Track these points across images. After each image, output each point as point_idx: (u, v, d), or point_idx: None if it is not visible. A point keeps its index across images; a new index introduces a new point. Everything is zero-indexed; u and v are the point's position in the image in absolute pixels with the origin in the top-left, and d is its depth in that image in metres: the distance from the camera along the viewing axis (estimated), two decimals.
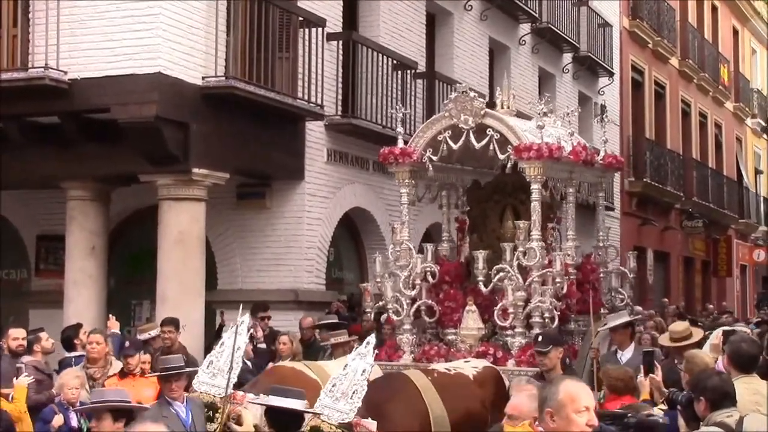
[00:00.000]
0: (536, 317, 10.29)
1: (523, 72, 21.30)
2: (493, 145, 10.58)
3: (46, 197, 14.61)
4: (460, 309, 10.87)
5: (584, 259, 11.70)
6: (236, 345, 7.68)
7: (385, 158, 11.27)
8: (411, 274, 10.92)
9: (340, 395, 7.11)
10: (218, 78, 12.41)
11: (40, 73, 11.78)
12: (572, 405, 4.48)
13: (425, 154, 11.00)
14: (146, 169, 12.32)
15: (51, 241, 14.93)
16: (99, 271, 13.17)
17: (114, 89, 11.72)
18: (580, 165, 11.17)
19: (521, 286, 10.26)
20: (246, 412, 7.37)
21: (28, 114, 12.40)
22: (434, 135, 11.02)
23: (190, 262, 12.39)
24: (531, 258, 10.41)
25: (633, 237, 27.34)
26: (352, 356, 7.50)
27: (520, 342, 10.30)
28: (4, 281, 15.93)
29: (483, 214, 11.92)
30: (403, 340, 10.89)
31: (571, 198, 11.33)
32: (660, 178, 27.98)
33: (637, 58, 28.08)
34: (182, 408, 7.55)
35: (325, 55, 14.33)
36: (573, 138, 11.45)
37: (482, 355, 10.27)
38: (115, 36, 11.87)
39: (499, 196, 11.84)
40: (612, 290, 11.90)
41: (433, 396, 8.53)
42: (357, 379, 7.17)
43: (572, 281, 10.86)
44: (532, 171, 10.43)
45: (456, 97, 10.94)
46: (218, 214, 14.09)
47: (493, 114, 10.88)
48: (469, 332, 10.63)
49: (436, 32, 18.43)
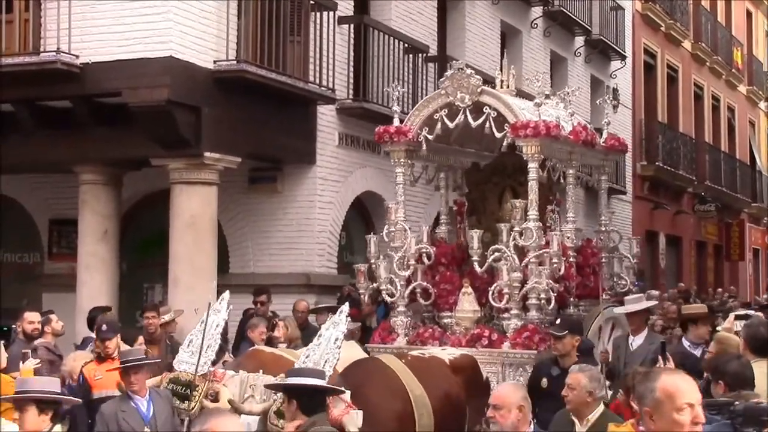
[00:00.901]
0: (533, 299, 10.04)
1: (535, 55, 21.24)
2: (490, 123, 10.29)
3: (58, 181, 14.66)
4: (456, 291, 10.63)
5: (585, 243, 11.47)
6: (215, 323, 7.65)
7: (380, 137, 10.99)
8: (405, 255, 10.65)
9: (312, 365, 6.97)
10: (230, 62, 12.41)
11: (52, 57, 11.80)
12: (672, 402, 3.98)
13: (421, 133, 10.71)
14: (158, 153, 12.34)
15: (63, 225, 14.98)
16: (111, 254, 13.22)
17: (126, 73, 11.73)
18: (581, 146, 10.93)
19: (517, 266, 10.00)
20: (224, 389, 7.28)
21: (40, 98, 12.43)
22: (430, 114, 10.70)
23: (202, 245, 12.42)
24: (527, 238, 10.12)
25: (645, 221, 27.28)
26: (326, 326, 7.34)
27: (516, 324, 10.03)
28: (17, 265, 16.01)
29: (482, 196, 11.70)
30: (397, 323, 10.65)
31: (572, 179, 11.09)
32: (672, 162, 27.89)
33: (649, 41, 27.95)
34: (143, 402, 7.39)
35: (337, 39, 14.32)
36: (573, 118, 11.18)
37: (477, 338, 10.09)
38: (126, 20, 11.88)
39: (498, 178, 11.60)
40: (614, 275, 11.70)
41: (409, 377, 8.30)
42: (329, 348, 7.02)
43: (571, 264, 10.65)
44: (529, 149, 10.15)
45: (452, 74, 10.60)
46: (230, 198, 14.11)
47: (489, 92, 10.60)
48: (465, 315, 10.40)
49: (447, 16, 18.38)
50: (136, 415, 7.32)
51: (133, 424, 7.33)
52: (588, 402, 6.31)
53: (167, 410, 7.36)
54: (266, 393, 7.16)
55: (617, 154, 12.32)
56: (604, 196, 12.11)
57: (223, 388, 7.30)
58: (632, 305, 10.19)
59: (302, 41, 13.51)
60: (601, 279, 11.23)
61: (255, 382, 7.35)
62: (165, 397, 7.41)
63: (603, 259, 11.54)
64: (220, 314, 7.76)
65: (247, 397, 7.29)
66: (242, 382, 7.39)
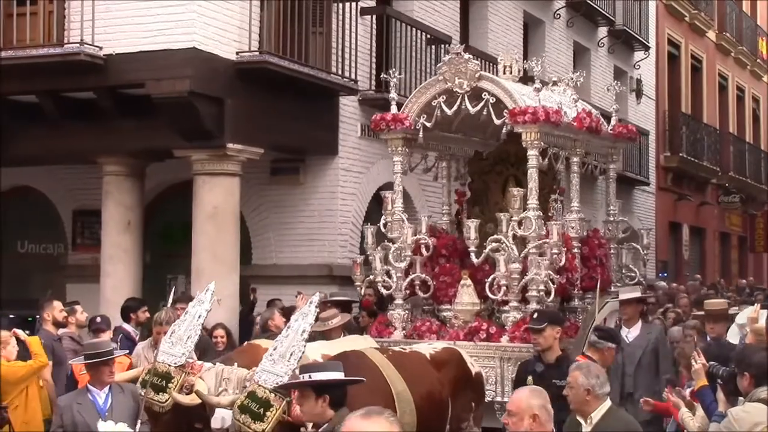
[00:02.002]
0: (533, 291, 9.61)
1: (558, 46, 21.15)
2: (488, 110, 9.90)
3: (81, 172, 14.72)
4: (456, 284, 10.28)
5: (591, 233, 11.07)
6: (197, 314, 7.54)
7: (376, 125, 10.60)
8: (402, 246, 10.30)
9: (278, 357, 6.76)
10: (252, 53, 12.41)
11: (76, 49, 11.84)
12: None
13: (419, 121, 10.31)
14: (181, 144, 12.37)
15: (87, 215, 15.05)
16: (134, 245, 13.28)
17: (149, 64, 11.76)
18: (585, 133, 10.49)
19: (516, 257, 9.62)
20: (199, 382, 7.13)
21: (64, 90, 12.48)
22: (428, 100, 10.30)
23: (224, 237, 12.45)
24: (527, 228, 9.72)
25: (669, 212, 27.17)
26: (295, 317, 7.10)
27: (515, 317, 9.65)
28: (41, 256, 16.10)
29: (484, 186, 11.32)
30: (395, 316, 10.29)
31: (576, 168, 10.66)
32: (696, 153, 27.75)
33: (673, 31, 27.79)
34: (101, 395, 7.23)
35: (359, 30, 14.30)
36: (578, 104, 10.76)
37: (475, 331, 9.75)
38: (149, 11, 11.90)
39: (501, 167, 11.20)
40: (623, 267, 11.35)
41: (392, 371, 7.97)
42: (297, 340, 6.80)
43: (574, 255, 10.28)
44: (528, 136, 9.74)
45: (450, 59, 10.18)
46: (252, 190, 14.13)
47: (488, 77, 10.21)
48: (464, 308, 10.06)
49: (470, 6, 18.33)
50: (92, 408, 7.16)
51: (87, 417, 7.17)
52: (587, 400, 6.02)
53: (128, 405, 7.24)
54: (239, 386, 7.01)
55: (626, 142, 11.89)
56: (613, 186, 11.66)
57: (198, 380, 7.16)
58: (624, 295, 9.97)
59: (325, 32, 13.49)
60: (607, 271, 10.88)
61: (229, 376, 7.19)
62: (128, 392, 7.27)
63: (611, 251, 11.23)
64: (203, 305, 7.63)
65: (222, 390, 7.13)
66: (217, 375, 7.25)
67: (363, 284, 10.72)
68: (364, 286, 10.74)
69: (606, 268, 10.85)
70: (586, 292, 10.51)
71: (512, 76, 10.48)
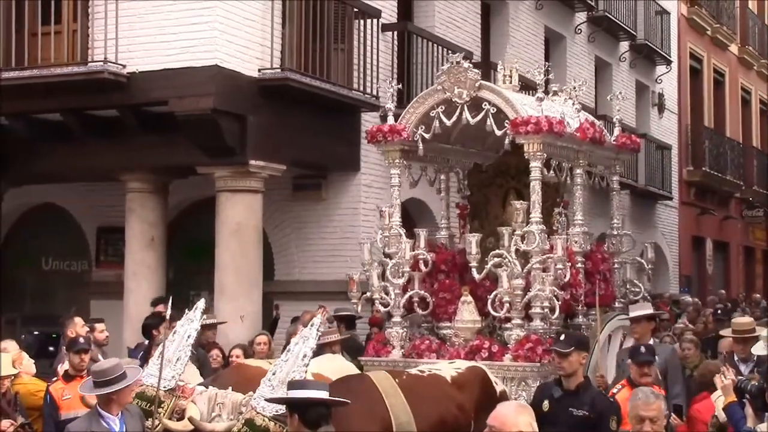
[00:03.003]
0: (536, 307, 9.19)
1: (579, 61, 21.14)
2: (490, 121, 9.45)
3: (105, 189, 14.80)
4: (456, 301, 9.82)
5: (594, 247, 10.64)
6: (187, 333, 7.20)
7: (373, 136, 10.14)
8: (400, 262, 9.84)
9: (278, 383, 6.44)
10: (274, 70, 12.47)
11: (100, 67, 11.93)
12: None
13: (417, 132, 9.87)
14: (204, 161, 12.43)
15: (111, 232, 15.13)
16: (158, 262, 13.33)
17: (172, 82, 11.83)
18: (589, 143, 10.09)
19: (519, 273, 9.18)
20: (191, 407, 6.77)
21: (88, 107, 12.57)
22: (427, 111, 9.90)
23: (247, 253, 12.48)
24: (530, 242, 9.24)
25: (692, 227, 27.06)
26: (295, 340, 6.78)
27: (518, 335, 9.17)
28: (65, 272, 16.19)
29: (485, 199, 10.91)
30: (393, 334, 9.79)
31: (579, 180, 10.21)
32: (719, 167, 27.62)
33: (695, 45, 27.73)
34: (115, 421, 6.63)
35: (381, 46, 14.34)
36: (581, 114, 10.36)
37: (477, 350, 9.27)
38: (172, 30, 11.98)
39: (502, 180, 10.80)
40: (627, 282, 10.90)
41: (397, 400, 7.45)
42: (297, 364, 6.51)
43: (578, 270, 9.84)
44: (531, 147, 9.31)
45: (449, 69, 9.73)
46: (275, 206, 14.17)
47: (489, 86, 9.82)
48: (464, 325, 9.58)
49: (491, 22, 18.35)
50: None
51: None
52: None
53: (140, 427, 6.78)
54: (234, 411, 6.72)
55: (629, 153, 11.45)
56: (616, 198, 11.14)
57: (190, 405, 6.80)
58: (634, 312, 9.53)
59: (346, 49, 13.55)
60: (611, 286, 10.49)
61: (223, 400, 6.85)
62: (136, 415, 6.80)
63: (615, 265, 10.81)
64: (193, 324, 7.30)
65: (215, 416, 6.79)
66: (210, 399, 6.89)
67: (359, 301, 10.18)
68: (361, 303, 10.21)
69: (610, 284, 10.47)
70: (590, 309, 10.10)
71: (512, 86, 10.14)
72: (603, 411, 7.21)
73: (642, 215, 24.09)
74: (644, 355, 7.81)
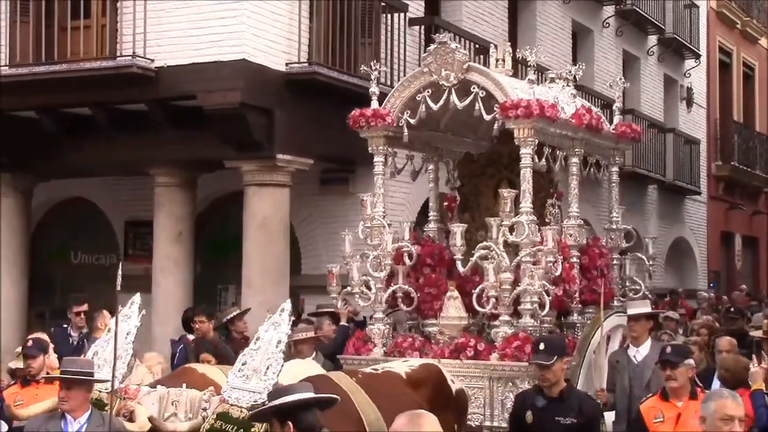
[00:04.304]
0: (526, 303, 8.56)
1: (607, 55, 21.04)
2: (479, 105, 8.83)
3: (133, 183, 14.89)
4: (442, 296, 9.19)
5: (591, 242, 9.99)
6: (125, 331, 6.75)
7: (355, 121, 9.56)
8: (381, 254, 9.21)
9: (252, 372, 6.10)
10: (301, 64, 12.49)
11: (128, 62, 11.99)
12: None
13: (402, 117, 9.26)
14: (231, 155, 12.47)
15: (139, 226, 15.21)
16: (185, 256, 13.39)
17: (199, 76, 11.88)
18: (584, 130, 9.43)
19: (507, 266, 8.53)
20: (139, 408, 6.36)
21: (117, 102, 12.65)
22: (412, 94, 9.26)
23: (274, 247, 12.52)
24: (519, 233, 8.61)
25: (720, 222, 26.89)
26: (264, 327, 6.36)
27: (505, 332, 8.52)
28: (94, 266, 16.29)
29: (475, 190, 10.22)
30: (374, 331, 9.16)
31: (575, 169, 9.52)
32: (748, 162, 27.44)
33: (724, 39, 27.53)
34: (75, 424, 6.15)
35: (408, 40, 14.33)
36: (577, 100, 9.74)
37: (462, 348, 8.67)
38: (200, 24, 12.03)
39: (494, 170, 10.10)
40: (626, 279, 10.24)
41: (362, 398, 7.06)
42: (271, 351, 6.12)
43: (572, 264, 9.22)
44: (521, 132, 8.65)
45: (435, 50, 9.07)
46: (302, 200, 14.19)
47: (478, 68, 9.15)
48: (450, 322, 8.96)
49: (518, 16, 18.30)
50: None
51: None
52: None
53: None
54: (193, 409, 6.33)
55: (628, 142, 10.67)
56: (615, 190, 10.39)
57: (138, 406, 6.39)
58: (632, 310, 9.05)
59: (373, 43, 13.54)
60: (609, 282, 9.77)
61: (178, 398, 6.43)
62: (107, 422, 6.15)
63: (614, 261, 10.15)
64: (131, 320, 6.90)
65: (170, 415, 6.39)
66: (162, 399, 6.47)
67: (339, 296, 9.66)
68: (341, 298, 9.70)
69: (608, 280, 9.79)
70: (585, 306, 9.54)
71: (505, 70, 9.46)
72: (591, 416, 7.02)
73: (670, 210, 23.96)
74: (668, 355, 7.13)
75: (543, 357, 7.06)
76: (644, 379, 8.69)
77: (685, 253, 25.29)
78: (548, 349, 7.11)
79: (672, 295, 19.48)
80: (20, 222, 14.49)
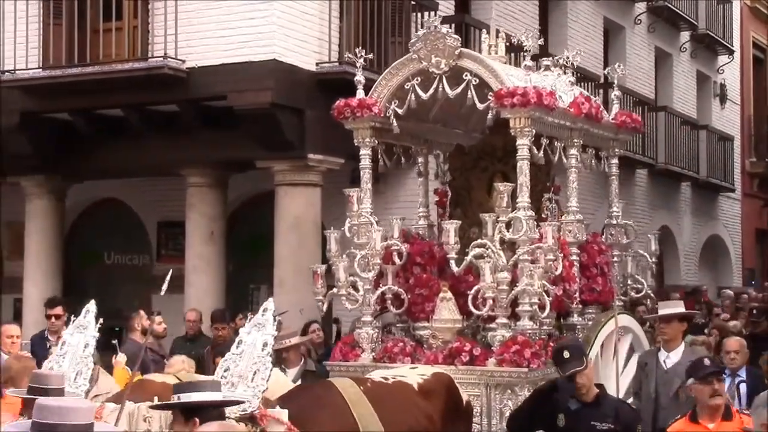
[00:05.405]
0: (524, 304, 8.06)
1: (639, 52, 20.90)
2: (471, 93, 8.33)
3: (165, 184, 14.95)
4: (434, 297, 8.58)
5: (591, 238, 9.39)
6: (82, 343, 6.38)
7: (339, 112, 9.02)
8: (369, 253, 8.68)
9: (237, 379, 5.76)
10: (332, 63, 12.50)
11: (160, 63, 12.05)
12: None
13: (390, 107, 8.71)
14: (262, 155, 12.50)
15: (171, 227, 15.30)
16: (218, 256, 13.44)
17: (230, 77, 11.92)
18: (584, 120, 8.91)
19: (504, 265, 8.02)
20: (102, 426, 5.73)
21: (148, 103, 12.71)
22: (401, 83, 8.70)
23: (305, 247, 12.53)
24: (516, 230, 8.09)
25: (755, 219, 26.65)
26: (246, 329, 5.98)
27: (503, 336, 8.00)
28: (127, 267, 16.39)
29: (467, 184, 9.68)
30: (362, 335, 8.61)
31: (574, 161, 8.98)
32: None
33: (758, 34, 27.28)
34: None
35: None
36: (575, 89, 9.23)
37: (456, 353, 8.12)
38: (231, 25, 12.07)
39: (487, 162, 9.52)
40: (627, 277, 9.67)
41: (365, 410, 6.68)
42: (257, 355, 5.78)
43: (572, 262, 8.74)
44: (517, 122, 8.14)
45: (425, 35, 8.50)
46: (333, 199, 14.15)
47: (470, 54, 8.66)
48: (443, 325, 8.36)
49: (549, 14, 18.21)
50: None
51: None
52: None
53: None
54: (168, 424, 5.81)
55: (629, 133, 10.10)
56: (615, 183, 9.85)
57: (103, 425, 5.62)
58: (664, 310, 8.37)
59: (404, 41, 13.50)
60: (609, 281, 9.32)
61: (150, 414, 5.92)
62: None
63: (615, 258, 9.61)
64: (88, 331, 6.49)
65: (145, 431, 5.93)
66: (132, 415, 5.96)
67: (325, 298, 9.02)
68: (326, 300, 9.07)
69: (608, 279, 9.32)
70: (585, 307, 9.04)
71: (499, 57, 8.93)
72: (629, 422, 6.72)
73: (704, 208, 23.78)
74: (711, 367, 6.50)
75: (575, 364, 6.71)
76: (672, 387, 8.00)
77: (720, 251, 25.09)
78: (574, 354, 6.77)
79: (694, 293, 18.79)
80: (54, 224, 14.59)
